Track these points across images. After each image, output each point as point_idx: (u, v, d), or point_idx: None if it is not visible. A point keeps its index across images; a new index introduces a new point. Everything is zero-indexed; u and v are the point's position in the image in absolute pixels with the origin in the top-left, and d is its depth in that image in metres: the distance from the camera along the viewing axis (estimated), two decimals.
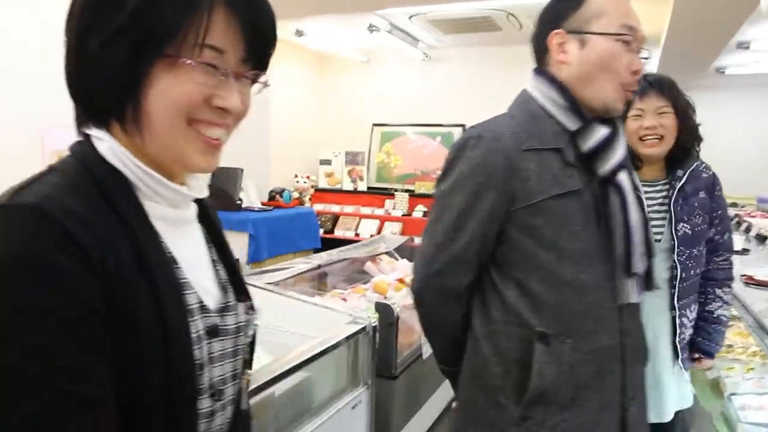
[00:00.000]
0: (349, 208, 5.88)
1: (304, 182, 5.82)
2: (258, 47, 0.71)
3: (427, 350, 2.61)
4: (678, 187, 1.74)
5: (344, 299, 2.87)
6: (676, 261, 1.71)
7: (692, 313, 1.79)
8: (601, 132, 1.13)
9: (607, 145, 1.13)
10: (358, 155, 6.16)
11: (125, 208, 0.66)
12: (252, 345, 0.87)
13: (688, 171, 1.76)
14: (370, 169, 6.23)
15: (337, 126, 6.67)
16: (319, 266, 3.29)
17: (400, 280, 3.26)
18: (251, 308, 0.84)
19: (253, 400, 1.58)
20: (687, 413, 1.87)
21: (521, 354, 1.15)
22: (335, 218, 5.83)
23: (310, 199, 5.82)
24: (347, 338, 2.01)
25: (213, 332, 0.73)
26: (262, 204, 4.73)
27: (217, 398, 0.73)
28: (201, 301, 0.72)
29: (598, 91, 1.14)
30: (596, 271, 1.14)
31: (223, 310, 0.76)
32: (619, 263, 1.15)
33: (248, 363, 0.86)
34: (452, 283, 1.20)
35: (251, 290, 0.86)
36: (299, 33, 5.39)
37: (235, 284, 0.83)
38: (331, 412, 1.95)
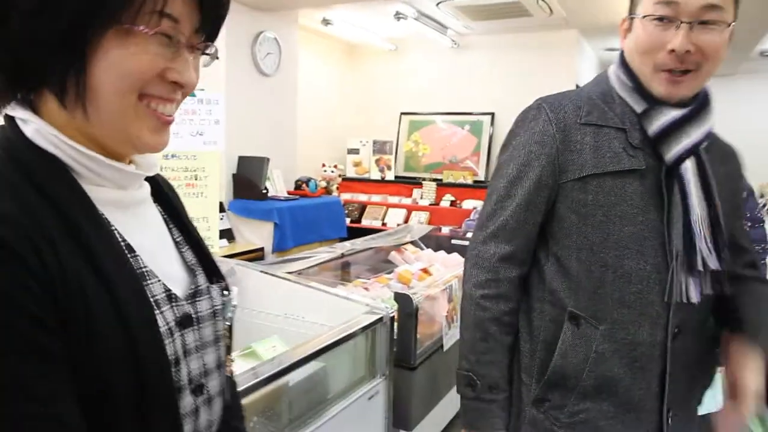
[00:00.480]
0: (376, 198, 5.86)
1: (332, 171, 5.82)
2: (211, 16, 0.66)
3: (447, 341, 2.58)
4: None
5: (366, 289, 2.86)
6: None
7: None
8: (669, 115, 1.06)
9: (674, 129, 1.05)
10: (386, 144, 6.12)
11: (63, 197, 0.59)
12: (230, 329, 0.82)
13: None
14: (398, 158, 6.19)
15: (365, 115, 6.64)
16: (342, 255, 3.28)
17: (424, 270, 3.23)
18: (226, 289, 0.78)
19: (267, 389, 1.58)
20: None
21: (551, 335, 1.12)
22: (362, 207, 5.81)
23: (337, 188, 5.81)
24: (363, 328, 2.00)
25: (186, 322, 0.67)
26: (288, 193, 4.75)
27: (200, 393, 0.68)
28: (168, 290, 0.66)
29: (641, 75, 1.08)
30: (647, 260, 1.06)
31: (194, 295, 0.71)
32: (679, 258, 1.06)
33: (228, 349, 0.80)
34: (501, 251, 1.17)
35: (268, 279, 0.81)
36: (326, 22, 5.36)
37: (205, 265, 0.77)
38: (347, 402, 1.94)
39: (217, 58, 0.72)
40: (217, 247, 2.36)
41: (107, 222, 0.63)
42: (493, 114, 5.86)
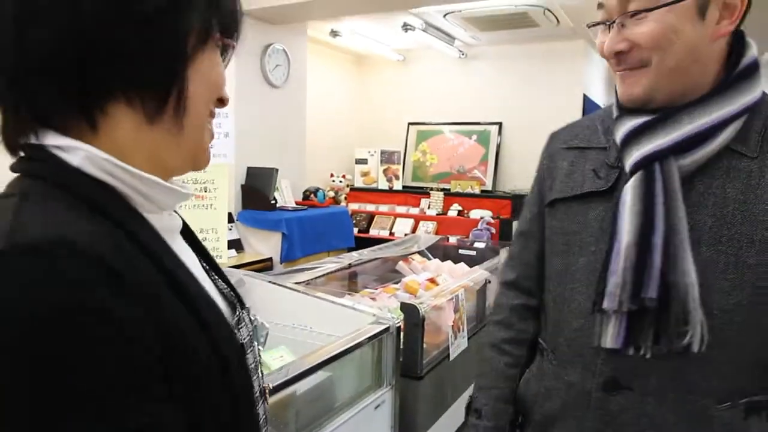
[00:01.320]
0: (384, 207, 5.89)
1: (340, 181, 5.86)
2: (233, 28, 0.65)
3: (454, 351, 2.59)
4: None
5: (374, 299, 2.88)
6: None
7: None
8: (633, 121, 0.91)
9: (635, 135, 0.89)
10: (394, 154, 6.16)
11: (132, 226, 0.54)
12: None
13: None
14: (406, 168, 6.22)
15: (373, 125, 6.68)
16: (350, 265, 3.31)
17: (431, 280, 3.25)
18: (252, 315, 0.77)
19: (273, 399, 1.60)
20: None
21: (529, 360, 1.13)
22: (371, 217, 5.84)
23: (345, 199, 5.85)
24: (370, 338, 2.02)
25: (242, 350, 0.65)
26: (297, 203, 4.79)
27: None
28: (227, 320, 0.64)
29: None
30: (590, 296, 0.93)
31: (238, 323, 0.69)
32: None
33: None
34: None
35: (277, 289, 0.80)
36: (334, 33, 5.42)
37: (234, 292, 0.75)
38: (353, 411, 1.96)
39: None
40: (225, 258, 2.40)
41: (172, 249, 0.59)
42: (500, 124, 5.88)
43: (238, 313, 0.70)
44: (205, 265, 0.72)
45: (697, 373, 0.84)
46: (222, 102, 0.63)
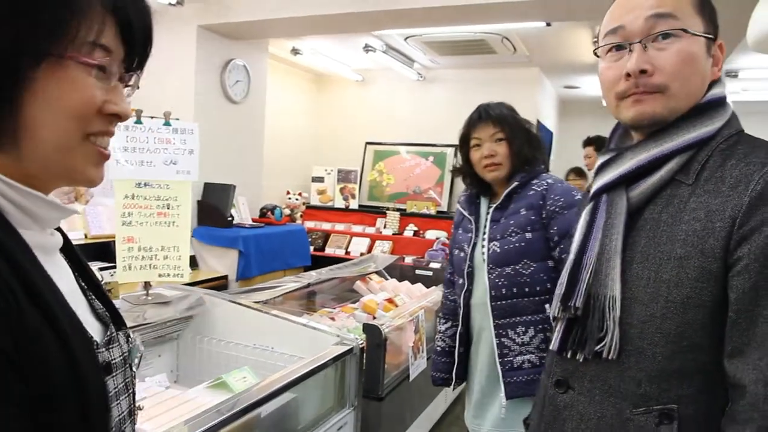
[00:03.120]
0: (340, 226, 5.88)
1: (296, 199, 5.82)
2: (138, 46, 0.64)
3: (414, 371, 2.60)
4: (493, 207, 1.80)
5: (333, 318, 2.87)
6: (487, 279, 1.75)
7: (522, 336, 1.71)
8: (602, 157, 1.01)
9: (600, 170, 1.01)
10: (351, 173, 6.17)
11: (4, 239, 0.54)
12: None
13: (506, 191, 1.78)
14: (362, 188, 6.25)
15: (331, 144, 6.69)
16: (309, 285, 3.29)
17: (389, 300, 3.26)
18: (129, 336, 0.75)
19: (240, 421, 1.58)
20: None
21: None
22: (326, 236, 5.82)
23: (301, 217, 5.82)
24: (334, 359, 2.01)
25: (107, 369, 0.64)
26: (253, 221, 4.73)
27: None
28: (91, 337, 0.63)
29: (612, 113, 1.00)
30: None
31: (108, 342, 0.68)
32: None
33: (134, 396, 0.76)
34: None
35: (238, 308, 0.80)
36: (295, 51, 5.43)
37: (110, 311, 0.74)
38: None
39: (138, 87, 0.68)
40: (186, 277, 2.34)
41: (42, 266, 0.58)
42: (456, 146, 5.99)
43: (110, 332, 0.69)
44: (83, 284, 0.71)
45: (617, 378, 0.92)
46: (119, 117, 0.62)
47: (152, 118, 2.32)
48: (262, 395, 1.62)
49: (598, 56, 1.01)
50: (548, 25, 4.03)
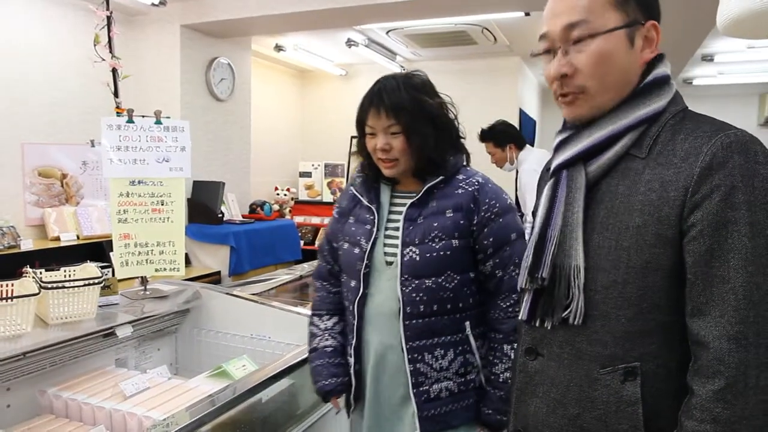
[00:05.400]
0: (329, 220, 5.94)
1: (285, 195, 5.87)
2: None
3: None
4: (408, 204, 1.48)
5: None
6: (399, 291, 1.43)
7: (441, 361, 1.44)
8: (558, 137, 1.09)
9: (558, 148, 1.08)
10: (338, 167, 6.23)
11: None
12: None
13: (425, 188, 1.47)
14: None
15: (317, 139, 6.74)
16: (301, 277, 3.35)
17: None
18: None
19: (242, 406, 1.64)
20: None
21: None
22: (315, 230, 5.88)
23: (290, 212, 5.86)
24: None
25: None
26: (243, 217, 4.78)
27: None
28: None
29: None
30: None
31: None
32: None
33: None
34: None
35: (234, 300, 0.81)
36: (279, 48, 5.46)
37: None
38: (315, 417, 2.01)
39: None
40: (183, 271, 2.40)
41: None
42: None
43: None
44: None
45: (585, 341, 0.98)
46: None
47: (143, 117, 2.36)
48: (262, 380, 1.68)
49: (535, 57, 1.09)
50: (527, 14, 4.10)
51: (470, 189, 1.46)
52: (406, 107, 1.42)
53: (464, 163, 1.54)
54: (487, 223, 1.44)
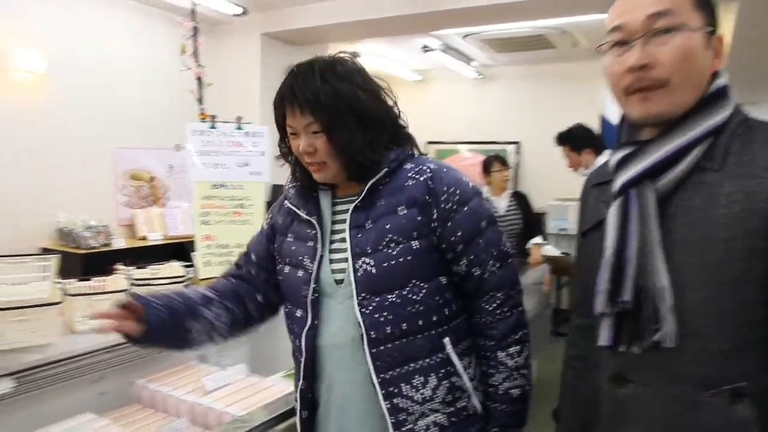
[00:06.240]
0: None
1: None
2: None
3: None
4: (354, 206, 1.21)
5: None
6: (358, 314, 1.16)
7: (422, 390, 1.18)
8: (618, 154, 1.01)
9: (620, 165, 1.00)
10: None
11: None
12: None
13: (369, 184, 1.20)
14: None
15: None
16: None
17: None
18: None
19: None
20: None
21: None
22: None
23: None
24: None
25: None
26: None
27: None
28: None
29: (620, 107, 1.02)
30: None
31: None
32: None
33: None
34: None
35: None
36: (354, 55, 5.53)
37: None
38: None
39: None
40: None
41: None
42: (518, 143, 5.96)
43: None
44: None
45: (680, 364, 0.92)
46: None
47: (225, 123, 2.46)
48: None
49: (602, 53, 1.03)
50: None
51: (422, 178, 1.20)
52: (322, 103, 1.15)
53: (410, 153, 1.27)
54: (450, 215, 1.18)
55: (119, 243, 3.78)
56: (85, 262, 3.48)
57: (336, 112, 1.15)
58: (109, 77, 4.13)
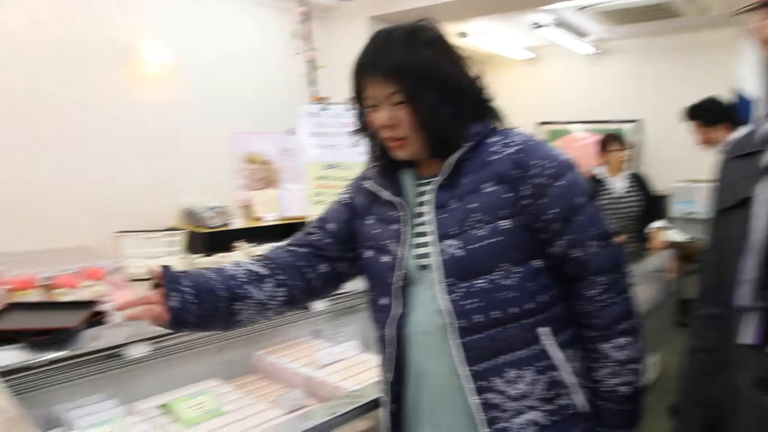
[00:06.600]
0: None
1: None
2: None
3: None
4: (437, 185, 1.11)
5: None
6: (445, 300, 1.08)
7: (517, 385, 1.07)
8: None
9: None
10: None
11: None
12: None
13: (454, 160, 1.10)
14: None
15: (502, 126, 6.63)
16: None
17: None
18: None
19: None
20: None
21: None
22: None
23: None
24: None
25: None
26: None
27: None
28: None
29: None
30: None
31: None
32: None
33: None
34: None
35: None
36: (463, 34, 5.44)
37: None
38: None
39: None
40: None
41: None
42: (637, 121, 5.60)
43: None
44: None
45: None
46: None
47: (336, 104, 2.49)
48: None
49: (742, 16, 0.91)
50: None
51: (509, 151, 1.09)
52: (408, 69, 1.07)
53: (494, 127, 1.16)
54: (543, 190, 1.06)
55: (237, 223, 4.00)
56: (207, 240, 3.70)
57: (420, 80, 1.07)
58: (227, 66, 4.35)
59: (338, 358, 1.87)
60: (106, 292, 1.98)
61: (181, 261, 1.84)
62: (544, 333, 1.08)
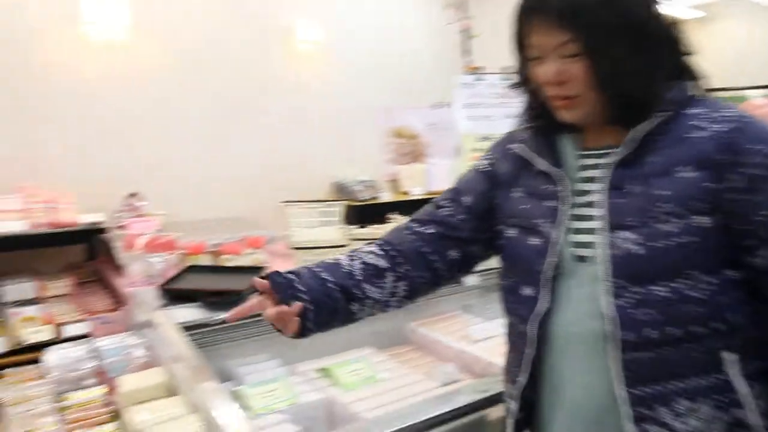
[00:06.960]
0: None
1: None
2: None
3: None
4: (617, 161, 0.90)
5: None
6: (609, 304, 0.87)
7: (685, 418, 0.86)
8: None
9: None
10: None
11: None
12: None
13: (643, 133, 0.88)
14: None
15: None
16: None
17: None
18: None
19: None
20: None
21: None
22: None
23: None
24: None
25: None
26: None
27: None
28: None
29: None
30: None
31: None
32: None
33: None
34: None
35: None
36: None
37: None
38: None
39: None
40: None
41: None
42: None
43: None
44: None
45: None
46: None
47: (491, 74, 2.41)
48: None
49: None
50: None
51: (719, 128, 0.86)
52: (589, 12, 0.85)
53: (693, 94, 0.92)
54: (760, 184, 0.83)
55: (385, 196, 4.07)
56: (357, 213, 3.81)
57: (604, 26, 0.85)
58: (378, 41, 4.41)
59: (490, 335, 1.83)
60: (266, 259, 2.11)
61: (339, 231, 1.90)
62: (731, 360, 0.87)
